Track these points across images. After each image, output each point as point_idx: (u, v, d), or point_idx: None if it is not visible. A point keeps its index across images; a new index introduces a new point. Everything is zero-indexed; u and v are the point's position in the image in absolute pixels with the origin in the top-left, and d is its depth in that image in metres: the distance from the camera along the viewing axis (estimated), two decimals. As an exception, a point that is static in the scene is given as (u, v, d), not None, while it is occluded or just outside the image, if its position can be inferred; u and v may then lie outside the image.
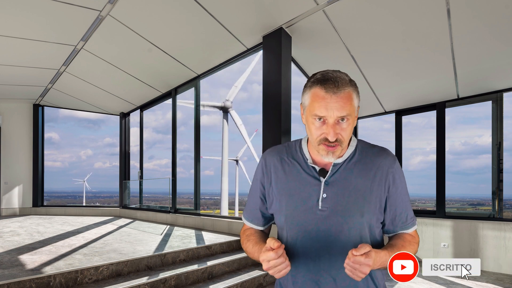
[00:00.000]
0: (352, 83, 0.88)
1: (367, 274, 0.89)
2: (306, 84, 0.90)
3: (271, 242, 0.81)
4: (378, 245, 0.94)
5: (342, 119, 0.85)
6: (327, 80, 0.84)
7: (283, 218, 0.96)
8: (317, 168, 0.93)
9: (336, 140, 0.86)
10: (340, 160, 0.92)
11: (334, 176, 0.92)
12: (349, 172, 0.92)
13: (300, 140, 1.02)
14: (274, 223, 1.06)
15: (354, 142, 0.96)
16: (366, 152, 0.95)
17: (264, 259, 0.81)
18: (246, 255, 3.76)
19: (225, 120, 20.26)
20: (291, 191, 0.94)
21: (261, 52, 4.29)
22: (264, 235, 1.07)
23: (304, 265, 0.92)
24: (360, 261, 0.77)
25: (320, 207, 0.90)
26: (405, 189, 0.96)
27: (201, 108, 19.72)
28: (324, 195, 0.91)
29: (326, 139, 0.86)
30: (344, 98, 0.84)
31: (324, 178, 0.92)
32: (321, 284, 0.91)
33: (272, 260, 0.80)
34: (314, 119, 0.86)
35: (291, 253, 0.94)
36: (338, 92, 0.83)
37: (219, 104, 19.87)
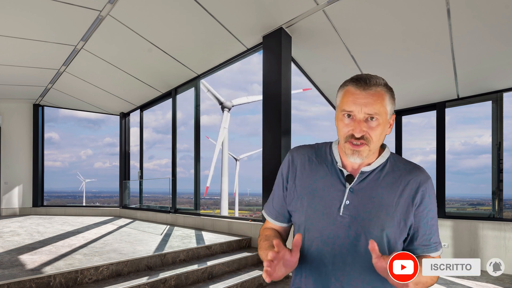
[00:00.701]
0: (388, 87, 0.88)
1: (383, 285, 0.88)
2: (340, 86, 0.91)
3: (276, 245, 0.79)
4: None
5: (372, 118, 0.84)
6: (360, 78, 0.85)
7: (303, 218, 0.94)
8: (345, 173, 0.91)
9: (362, 138, 0.84)
10: (369, 169, 0.90)
11: (361, 184, 0.89)
12: (376, 183, 0.89)
13: (331, 142, 1.00)
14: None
15: (386, 154, 0.93)
16: (398, 166, 0.92)
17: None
18: (246, 255, 3.77)
19: (224, 119, 20.20)
20: (314, 192, 0.92)
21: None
22: (282, 240, 1.03)
23: (316, 269, 0.91)
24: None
25: (341, 213, 0.88)
26: (433, 211, 0.91)
27: (204, 89, 19.70)
28: (347, 202, 0.88)
29: (353, 136, 0.84)
30: (374, 95, 0.84)
31: (350, 184, 0.90)
32: None
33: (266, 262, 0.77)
34: (343, 115, 0.86)
35: (306, 254, 0.92)
36: (369, 89, 0.84)
37: (222, 99, 19.81)
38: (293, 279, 1.00)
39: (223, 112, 19.53)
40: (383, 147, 0.94)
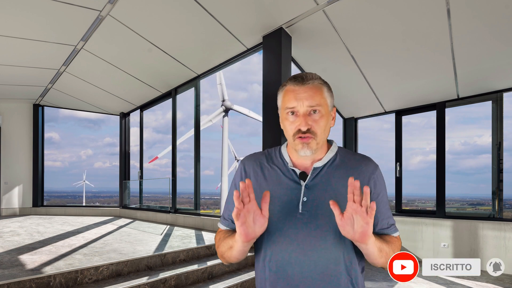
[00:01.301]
0: (323, 81, 0.93)
1: (350, 279, 0.89)
2: (279, 88, 0.96)
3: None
4: (359, 250, 0.91)
5: (314, 111, 0.88)
6: (297, 76, 0.91)
7: None
8: (298, 172, 0.94)
9: (308, 131, 0.87)
10: (320, 164, 0.93)
11: (315, 180, 0.92)
12: (330, 176, 0.92)
13: (280, 146, 1.04)
14: None
15: (334, 148, 0.98)
16: (348, 158, 0.96)
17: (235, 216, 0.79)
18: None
19: (225, 120, 20.29)
20: (272, 195, 0.92)
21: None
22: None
23: (284, 271, 0.90)
24: (364, 212, 0.76)
25: (300, 211, 0.90)
26: (385, 196, 0.96)
27: (209, 123, 19.94)
28: (304, 199, 0.90)
29: (299, 131, 0.88)
30: (312, 88, 0.88)
31: (304, 181, 0.92)
32: None
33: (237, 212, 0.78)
34: (287, 114, 0.90)
35: (271, 257, 0.92)
36: (306, 83, 0.89)
37: (221, 109, 20.07)
38: (258, 282, 0.98)
39: (232, 110, 19.82)
40: (330, 142, 0.99)
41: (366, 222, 0.76)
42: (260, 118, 4.28)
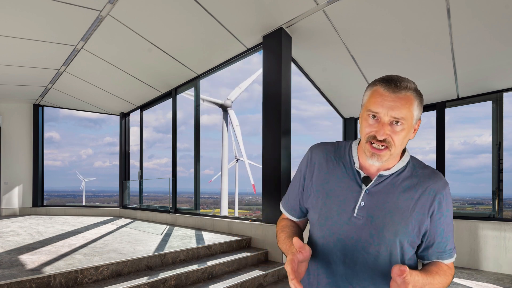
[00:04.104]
0: (418, 92, 0.85)
1: None
2: (369, 84, 0.89)
3: (301, 253, 0.80)
4: (408, 267, 0.90)
5: (397, 121, 0.81)
6: (390, 80, 0.83)
7: (317, 216, 0.94)
8: (362, 174, 0.90)
9: (384, 141, 0.82)
10: (387, 173, 0.88)
11: (377, 187, 0.88)
12: (393, 187, 0.88)
13: (351, 142, 0.99)
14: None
15: (406, 158, 0.91)
16: (417, 171, 0.90)
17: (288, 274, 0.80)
18: (246, 255, 3.77)
19: (224, 120, 20.25)
20: (330, 192, 0.92)
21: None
22: (299, 230, 1.05)
23: (329, 268, 0.91)
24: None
25: (355, 214, 0.88)
26: (450, 218, 0.90)
27: (201, 102, 19.85)
28: (362, 203, 0.88)
29: (375, 137, 0.82)
30: (403, 99, 0.81)
31: (366, 186, 0.89)
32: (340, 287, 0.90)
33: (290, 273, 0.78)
34: (368, 115, 0.84)
35: (318, 252, 0.93)
36: (398, 92, 0.81)
37: (220, 101, 19.88)
38: (305, 275, 1.00)
39: (227, 112, 19.63)
40: (403, 151, 0.92)
41: None
42: (250, 80, 4.15)
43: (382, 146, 0.82)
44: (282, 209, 1.10)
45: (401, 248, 0.87)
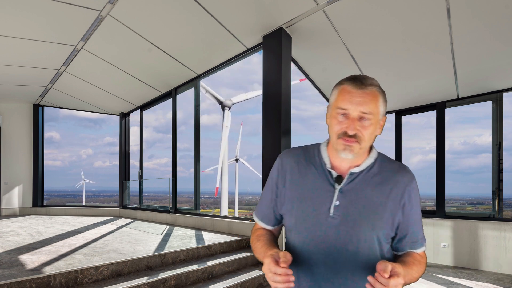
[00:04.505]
0: (381, 89, 0.91)
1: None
2: (335, 85, 0.93)
3: (282, 256, 0.80)
4: (387, 258, 0.94)
5: (365, 117, 0.86)
6: (356, 78, 0.88)
7: (293, 220, 0.95)
8: (334, 174, 0.93)
9: (354, 136, 0.86)
10: (358, 170, 0.92)
11: (350, 185, 0.91)
12: (365, 183, 0.91)
13: (319, 144, 1.01)
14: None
15: (374, 154, 0.96)
16: (386, 166, 0.94)
17: (268, 269, 0.80)
18: (246, 255, 3.77)
19: (225, 118, 20.21)
20: (304, 195, 0.94)
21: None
22: (274, 238, 1.07)
23: (309, 270, 0.92)
24: (392, 285, 0.73)
25: (331, 214, 0.90)
26: (419, 209, 0.95)
27: (203, 91, 19.88)
28: (337, 203, 0.90)
29: (346, 133, 0.87)
30: (369, 95, 0.86)
31: (339, 185, 0.91)
32: None
33: (274, 277, 0.79)
34: (337, 113, 0.88)
35: (297, 256, 0.94)
36: (365, 88, 0.86)
37: (221, 98, 19.88)
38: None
39: (223, 111, 19.59)
40: (370, 147, 0.96)
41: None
42: (258, 93, 4.22)
43: (352, 140, 0.87)
44: (255, 218, 1.10)
45: (378, 242, 0.90)
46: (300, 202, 0.94)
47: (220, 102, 19.89)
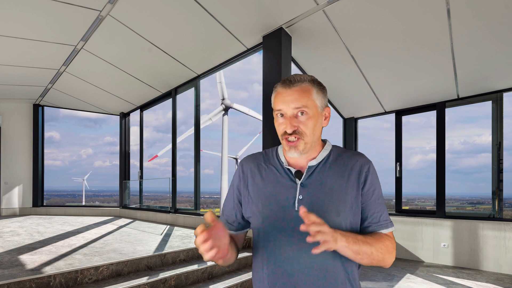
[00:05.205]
0: (315, 82, 0.94)
1: (347, 275, 0.91)
2: (272, 91, 0.98)
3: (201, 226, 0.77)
4: None
5: (301, 112, 0.90)
6: (286, 79, 0.93)
7: (261, 220, 0.96)
8: (293, 171, 0.96)
9: (295, 132, 0.90)
10: (314, 162, 0.96)
11: (310, 178, 0.94)
12: (324, 173, 0.95)
13: (277, 147, 1.07)
14: (249, 228, 1.07)
15: (329, 146, 1.00)
16: (341, 155, 0.99)
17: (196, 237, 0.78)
18: (246, 255, 3.77)
19: (224, 118, 20.28)
20: (268, 194, 0.96)
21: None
22: (235, 244, 1.05)
23: (281, 268, 0.92)
24: (317, 229, 0.76)
25: (296, 208, 0.92)
26: (378, 190, 0.97)
27: (209, 122, 20.12)
28: (300, 197, 0.92)
29: (286, 132, 0.92)
30: (299, 91, 0.90)
31: (300, 180, 0.94)
32: (298, 286, 0.90)
33: (199, 244, 0.76)
34: (276, 115, 0.94)
35: (269, 254, 0.94)
36: (293, 86, 0.91)
37: (221, 108, 20.17)
38: (256, 280, 1.00)
39: (232, 108, 19.93)
40: (324, 141, 1.02)
41: (315, 234, 0.77)
42: (260, 117, 4.28)
43: (295, 138, 0.91)
44: None
45: (346, 228, 0.91)
46: (265, 203, 0.96)
47: (223, 98, 20.09)
